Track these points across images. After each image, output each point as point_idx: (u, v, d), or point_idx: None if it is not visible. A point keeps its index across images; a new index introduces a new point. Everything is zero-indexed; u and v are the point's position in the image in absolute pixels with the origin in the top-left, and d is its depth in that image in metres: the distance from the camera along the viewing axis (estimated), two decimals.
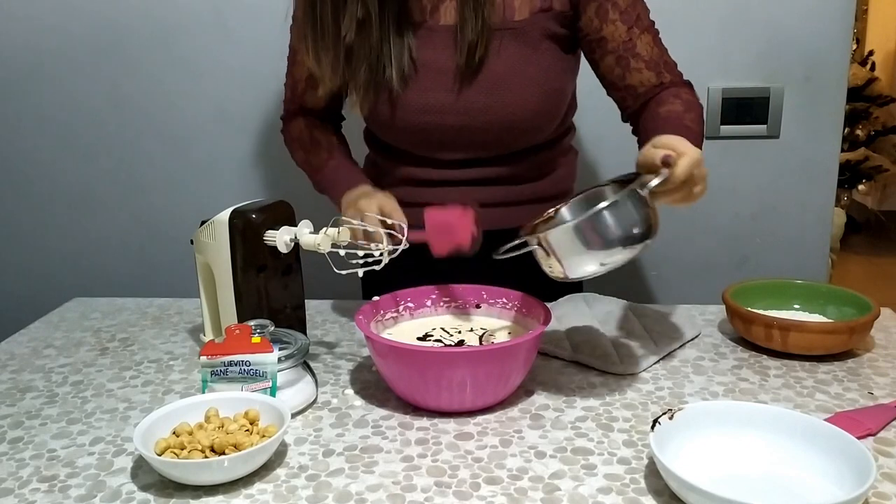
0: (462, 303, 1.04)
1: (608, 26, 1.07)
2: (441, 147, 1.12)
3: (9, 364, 1.04)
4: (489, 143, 1.12)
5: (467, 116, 1.08)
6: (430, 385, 0.84)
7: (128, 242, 1.79)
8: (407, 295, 1.02)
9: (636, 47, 1.08)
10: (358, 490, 0.72)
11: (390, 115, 1.10)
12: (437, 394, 0.84)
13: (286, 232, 0.98)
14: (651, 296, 1.70)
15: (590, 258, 0.81)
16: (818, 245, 1.66)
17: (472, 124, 1.09)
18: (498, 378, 0.85)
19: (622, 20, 1.07)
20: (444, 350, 0.89)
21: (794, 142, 1.60)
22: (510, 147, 1.13)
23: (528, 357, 0.88)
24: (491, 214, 1.15)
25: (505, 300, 1.02)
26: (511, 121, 1.09)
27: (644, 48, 1.09)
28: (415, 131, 1.11)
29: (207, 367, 0.84)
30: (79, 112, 1.71)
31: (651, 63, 1.09)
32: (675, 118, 1.03)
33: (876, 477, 0.65)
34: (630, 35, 1.08)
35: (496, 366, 0.84)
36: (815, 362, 0.98)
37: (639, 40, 1.08)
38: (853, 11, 1.53)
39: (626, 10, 1.07)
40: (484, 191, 1.16)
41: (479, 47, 1.05)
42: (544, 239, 0.82)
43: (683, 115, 1.04)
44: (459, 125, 1.09)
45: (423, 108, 1.09)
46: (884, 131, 4.60)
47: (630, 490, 0.71)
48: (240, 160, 1.70)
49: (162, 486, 0.73)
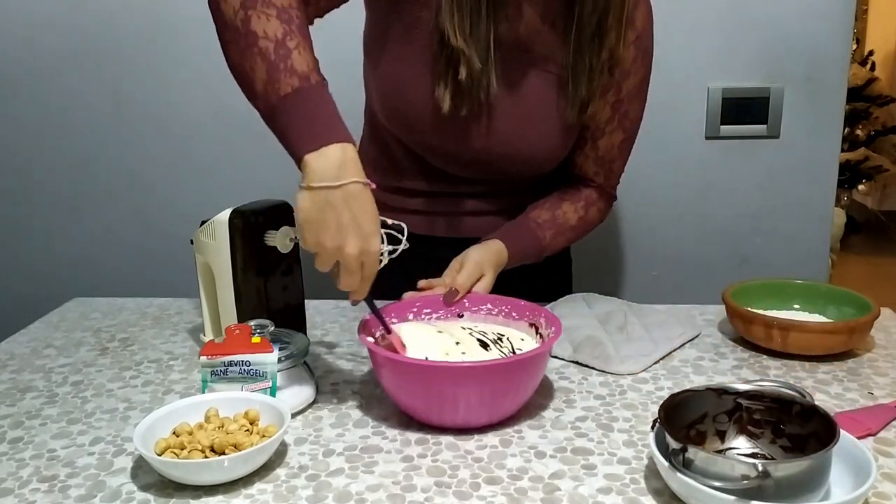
0: (444, 313, 0.99)
1: (599, 102, 1.07)
2: (453, 165, 1.12)
3: (9, 364, 1.04)
4: (503, 172, 1.12)
5: (493, 150, 1.08)
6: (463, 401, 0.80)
7: (128, 242, 1.79)
8: (390, 311, 0.96)
9: (601, 138, 1.11)
10: (358, 490, 0.72)
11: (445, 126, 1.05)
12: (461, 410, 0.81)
13: (286, 232, 0.98)
14: (651, 296, 1.70)
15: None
16: (818, 245, 1.66)
17: (493, 157, 1.09)
18: (516, 390, 0.83)
19: (613, 106, 1.09)
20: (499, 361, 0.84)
21: (794, 142, 1.60)
22: (520, 176, 1.14)
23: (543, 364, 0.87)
24: (486, 222, 1.15)
25: (490, 306, 0.99)
26: (531, 154, 1.09)
27: (607, 144, 1.12)
28: (447, 152, 1.09)
29: (207, 367, 0.84)
30: (79, 112, 1.71)
31: (600, 161, 1.13)
32: (532, 228, 1.11)
33: (876, 477, 0.65)
34: (607, 125, 1.10)
35: (520, 376, 0.82)
36: (815, 362, 0.97)
37: (610, 134, 1.11)
38: (853, 11, 1.53)
39: (622, 99, 1.08)
40: (479, 203, 1.16)
41: (591, 105, 1.05)
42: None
43: (542, 228, 1.11)
44: (485, 155, 1.09)
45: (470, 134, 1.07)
46: (884, 131, 4.61)
47: (630, 490, 0.71)
48: (240, 160, 1.70)
49: (162, 486, 0.73)
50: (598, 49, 1.00)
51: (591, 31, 0.99)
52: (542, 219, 1.12)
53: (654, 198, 1.66)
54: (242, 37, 0.82)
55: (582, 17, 0.99)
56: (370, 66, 1.09)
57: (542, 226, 1.11)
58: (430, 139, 1.08)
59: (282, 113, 0.81)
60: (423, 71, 1.02)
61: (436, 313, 0.99)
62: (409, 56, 1.03)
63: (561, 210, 1.13)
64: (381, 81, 1.07)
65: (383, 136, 1.15)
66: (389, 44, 1.04)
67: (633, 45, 1.05)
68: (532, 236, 1.10)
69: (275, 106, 0.81)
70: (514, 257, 1.07)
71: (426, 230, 1.16)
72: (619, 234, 1.70)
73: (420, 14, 1.00)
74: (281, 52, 0.81)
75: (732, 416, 0.74)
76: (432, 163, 1.12)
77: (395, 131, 1.10)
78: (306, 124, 0.80)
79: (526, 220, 1.12)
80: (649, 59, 1.08)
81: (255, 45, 0.82)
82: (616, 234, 1.70)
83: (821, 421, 0.68)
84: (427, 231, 1.16)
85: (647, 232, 1.69)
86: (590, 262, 1.68)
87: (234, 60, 0.85)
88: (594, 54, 1.01)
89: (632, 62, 1.06)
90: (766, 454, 0.72)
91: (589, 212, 1.15)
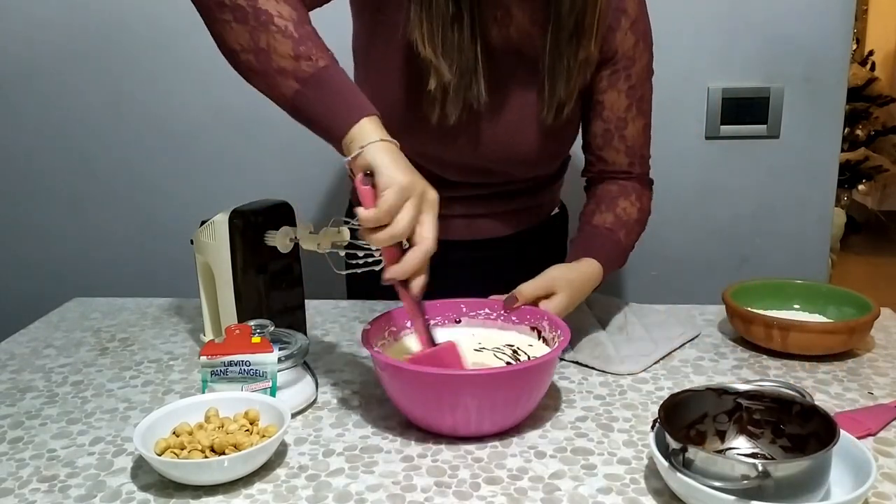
0: (441, 319, 0.96)
1: (612, 93, 1.07)
2: (447, 171, 1.11)
3: (9, 364, 1.04)
4: (497, 175, 1.12)
5: (487, 156, 1.08)
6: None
7: (128, 243, 1.79)
8: (394, 315, 0.94)
9: (626, 128, 1.10)
10: (358, 490, 0.72)
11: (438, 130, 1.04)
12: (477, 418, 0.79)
13: (286, 232, 0.98)
14: (651, 296, 1.70)
15: None
16: (818, 245, 1.66)
17: (487, 162, 1.09)
18: (528, 395, 0.82)
19: (627, 94, 1.08)
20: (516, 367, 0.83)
21: (794, 142, 1.60)
22: (515, 178, 1.14)
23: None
24: (482, 224, 1.15)
25: (488, 311, 0.97)
26: (524, 158, 1.09)
27: (632, 132, 1.10)
28: (439, 159, 1.09)
29: (207, 367, 0.84)
30: (79, 111, 1.71)
31: (631, 150, 1.12)
32: (605, 233, 1.08)
33: (876, 477, 0.65)
34: (627, 113, 1.09)
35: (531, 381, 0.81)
36: (815, 362, 0.97)
37: (632, 122, 1.10)
38: (853, 11, 1.53)
39: (635, 85, 1.07)
40: (476, 204, 1.16)
41: (567, 106, 1.03)
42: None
43: (614, 231, 1.08)
44: (478, 160, 1.08)
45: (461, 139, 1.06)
46: (884, 131, 4.61)
47: (630, 490, 0.71)
48: (240, 160, 1.70)
49: (162, 486, 0.73)
50: (575, 49, 0.99)
51: (569, 31, 0.98)
52: (609, 222, 1.09)
53: (654, 198, 1.65)
54: (251, 16, 0.81)
55: (560, 16, 0.97)
56: (358, 74, 1.09)
57: (613, 229, 1.08)
58: (422, 147, 1.07)
59: (317, 86, 0.80)
60: (404, 80, 1.01)
61: (433, 319, 0.96)
62: (393, 65, 1.02)
63: (620, 208, 1.10)
64: (367, 90, 1.05)
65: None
66: (373, 51, 1.04)
67: (631, 32, 1.05)
68: (612, 241, 1.07)
69: (311, 77, 0.80)
70: (606, 267, 1.03)
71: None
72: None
73: (398, 19, 0.99)
74: (303, 31, 0.82)
75: (732, 416, 0.74)
76: (428, 168, 1.12)
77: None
78: (344, 96, 0.81)
79: (594, 228, 1.09)
80: (650, 42, 1.08)
81: (270, 24, 0.81)
82: None
83: (821, 421, 0.68)
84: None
85: (647, 232, 1.68)
86: None
87: (238, 39, 0.82)
88: (572, 55, 0.99)
89: (633, 48, 1.05)
90: (766, 454, 0.72)
91: (643, 202, 1.13)
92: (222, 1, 0.82)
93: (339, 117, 0.80)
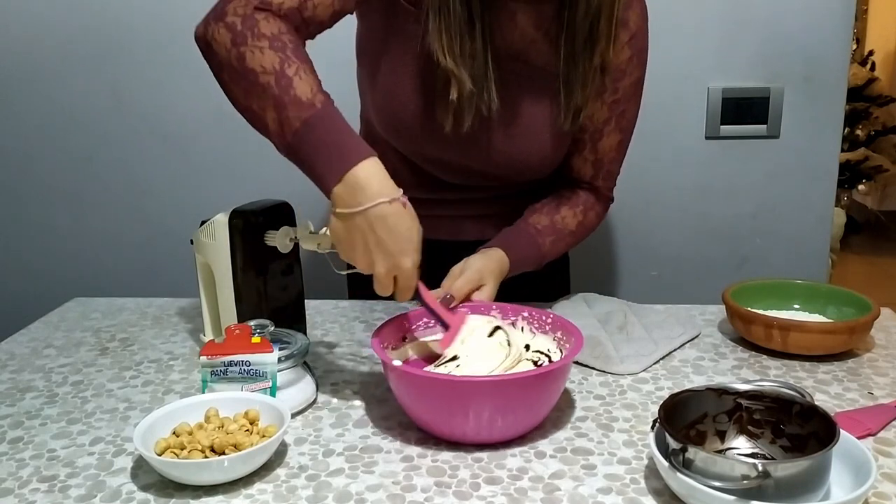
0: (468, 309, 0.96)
1: (595, 103, 1.06)
2: (451, 175, 1.12)
3: (9, 364, 1.04)
4: (500, 179, 1.12)
5: (497, 162, 1.08)
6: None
7: (128, 242, 1.79)
8: (405, 322, 0.94)
9: (600, 140, 1.10)
10: (358, 490, 0.72)
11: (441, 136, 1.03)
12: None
13: (286, 232, 0.98)
14: (651, 296, 1.70)
15: None
16: (818, 245, 1.66)
17: (495, 168, 1.09)
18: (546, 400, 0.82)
19: (610, 107, 1.08)
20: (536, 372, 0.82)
21: (794, 142, 1.60)
22: (516, 183, 1.14)
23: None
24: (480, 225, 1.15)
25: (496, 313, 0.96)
26: (534, 164, 1.09)
27: (605, 146, 1.10)
28: (447, 164, 1.09)
29: (207, 367, 0.84)
30: (79, 112, 1.71)
31: (599, 163, 1.12)
32: (530, 235, 1.09)
33: (876, 477, 0.65)
34: (605, 126, 1.09)
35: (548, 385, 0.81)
36: (815, 362, 0.97)
37: (608, 136, 1.10)
38: (853, 11, 1.53)
39: (619, 99, 1.07)
40: (475, 206, 1.16)
41: (584, 111, 1.03)
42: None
43: (541, 235, 1.09)
44: (485, 166, 1.08)
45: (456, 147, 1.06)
46: (884, 131, 4.60)
47: (630, 490, 0.71)
48: (240, 160, 1.70)
49: (162, 486, 0.73)
50: (590, 54, 0.99)
51: (584, 36, 0.98)
52: (542, 224, 1.10)
53: (654, 198, 1.66)
54: (242, 76, 0.84)
55: (574, 22, 0.97)
56: (365, 76, 1.08)
57: (542, 232, 1.10)
58: (430, 153, 1.07)
59: (297, 149, 0.83)
60: (420, 88, 1.01)
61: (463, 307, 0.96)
62: (406, 72, 1.01)
63: (560, 215, 1.11)
64: (377, 96, 1.06)
65: (379, 143, 1.16)
66: (385, 57, 1.03)
67: (628, 46, 1.04)
68: (532, 244, 1.09)
69: (290, 144, 0.83)
70: (514, 265, 1.05)
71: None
72: (619, 234, 1.70)
73: (411, 28, 0.98)
74: (283, 84, 0.82)
75: (732, 416, 0.74)
76: (429, 171, 1.12)
77: (393, 143, 1.10)
78: (323, 155, 0.82)
79: (525, 226, 1.10)
80: (644, 59, 1.07)
81: (256, 84, 0.83)
82: (616, 234, 1.70)
83: (821, 421, 0.68)
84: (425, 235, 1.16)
85: (647, 232, 1.69)
86: (589, 263, 1.68)
87: (240, 102, 0.86)
88: (587, 60, 0.99)
89: (627, 62, 1.05)
90: (766, 454, 0.72)
91: (587, 216, 1.14)
92: (220, 62, 0.86)
93: (319, 182, 0.84)
